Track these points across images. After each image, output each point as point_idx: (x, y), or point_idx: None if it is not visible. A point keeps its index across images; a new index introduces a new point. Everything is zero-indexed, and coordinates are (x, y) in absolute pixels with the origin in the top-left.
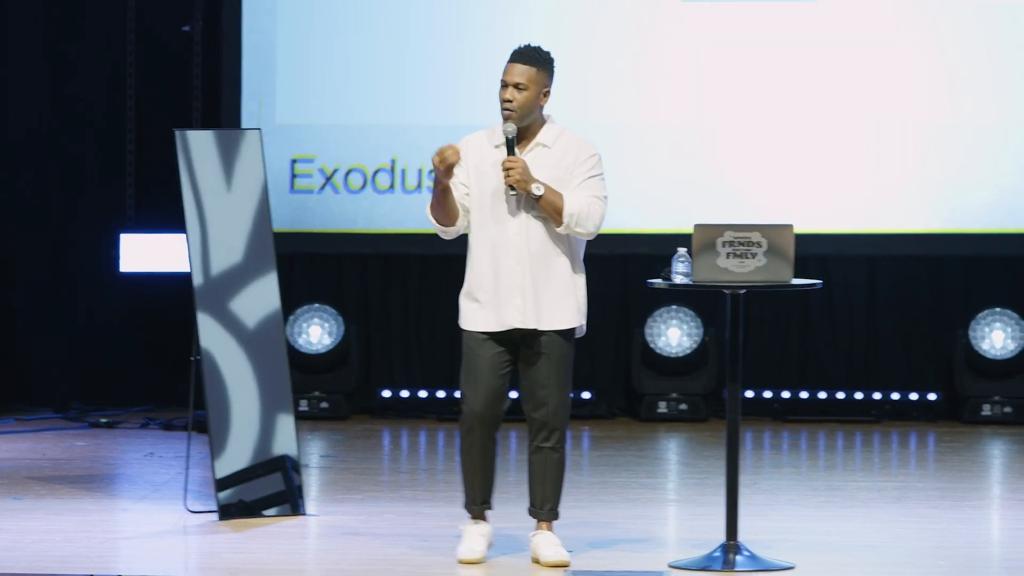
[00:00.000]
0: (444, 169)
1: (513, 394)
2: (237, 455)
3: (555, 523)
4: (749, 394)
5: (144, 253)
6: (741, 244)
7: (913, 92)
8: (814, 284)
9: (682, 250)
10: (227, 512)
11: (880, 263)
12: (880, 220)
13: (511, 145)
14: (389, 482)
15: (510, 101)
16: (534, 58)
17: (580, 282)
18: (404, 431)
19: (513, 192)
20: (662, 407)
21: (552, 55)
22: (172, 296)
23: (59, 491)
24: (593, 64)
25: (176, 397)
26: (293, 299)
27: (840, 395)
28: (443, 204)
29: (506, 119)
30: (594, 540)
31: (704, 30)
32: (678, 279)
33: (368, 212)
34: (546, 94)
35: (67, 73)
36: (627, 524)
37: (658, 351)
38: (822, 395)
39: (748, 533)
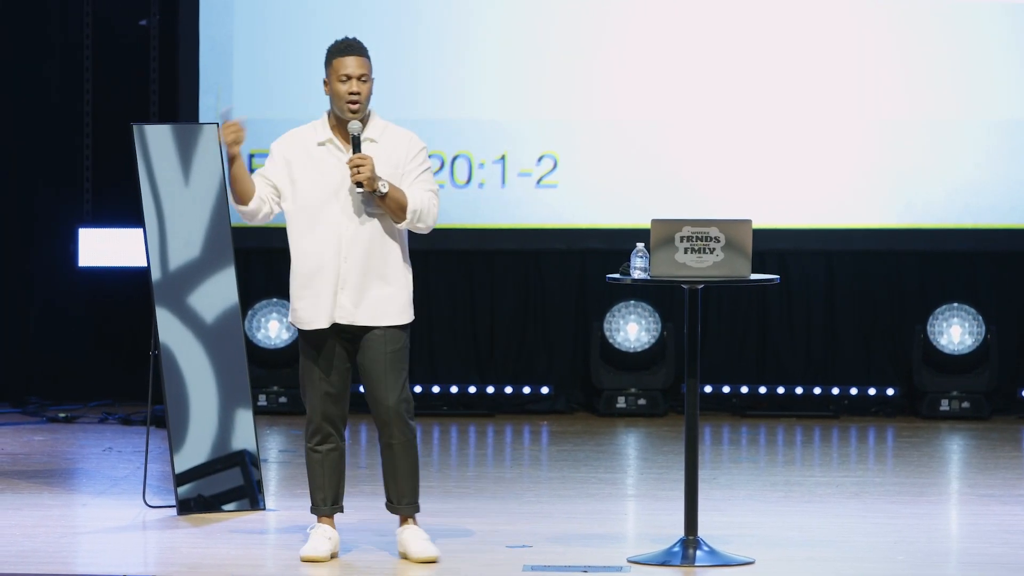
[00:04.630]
0: (230, 144)
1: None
2: (196, 450)
3: (516, 516)
4: (708, 389)
5: (102, 248)
6: (699, 239)
7: (870, 88)
8: (772, 279)
9: (640, 245)
10: (186, 507)
11: (838, 258)
12: (838, 216)
13: (357, 142)
14: (348, 476)
15: (358, 93)
16: (364, 49)
17: (409, 276)
18: (363, 426)
19: (360, 190)
20: (621, 402)
21: None
22: (130, 291)
23: (17, 486)
24: (549, 60)
25: (135, 392)
26: (251, 294)
27: (799, 390)
28: (233, 180)
29: (354, 112)
30: (553, 535)
31: (661, 24)
32: (636, 274)
33: None
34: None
35: (24, 67)
36: (586, 519)
37: (616, 346)
38: (780, 390)
39: (707, 528)
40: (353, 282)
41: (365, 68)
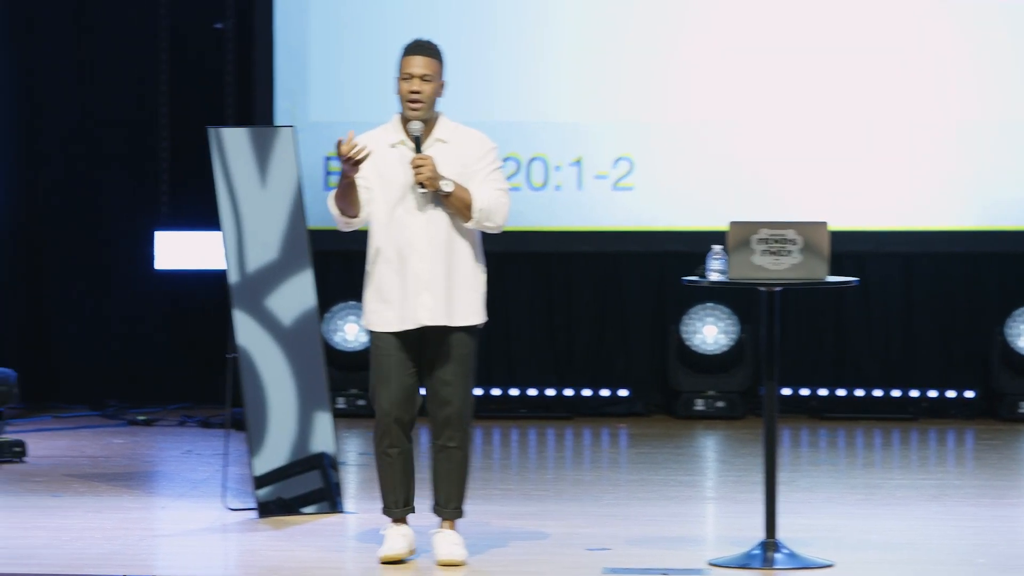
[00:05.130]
0: (353, 165)
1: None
2: (275, 453)
3: (595, 519)
4: (786, 392)
5: (179, 250)
6: (776, 241)
7: (946, 90)
8: (850, 281)
9: (717, 247)
10: (266, 510)
11: (916, 260)
12: (915, 217)
13: (418, 142)
14: (426, 479)
15: (418, 92)
16: (433, 50)
17: (483, 277)
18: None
19: (423, 190)
20: (699, 405)
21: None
22: (208, 293)
23: (98, 489)
24: (625, 62)
25: (213, 394)
26: (328, 296)
27: (877, 393)
28: (349, 196)
29: (414, 110)
30: (633, 537)
31: (732, 23)
32: (713, 276)
33: None
34: (442, 86)
35: (100, 71)
36: (665, 522)
37: (694, 348)
38: (859, 393)
39: (786, 531)
40: (430, 283)
41: (430, 69)
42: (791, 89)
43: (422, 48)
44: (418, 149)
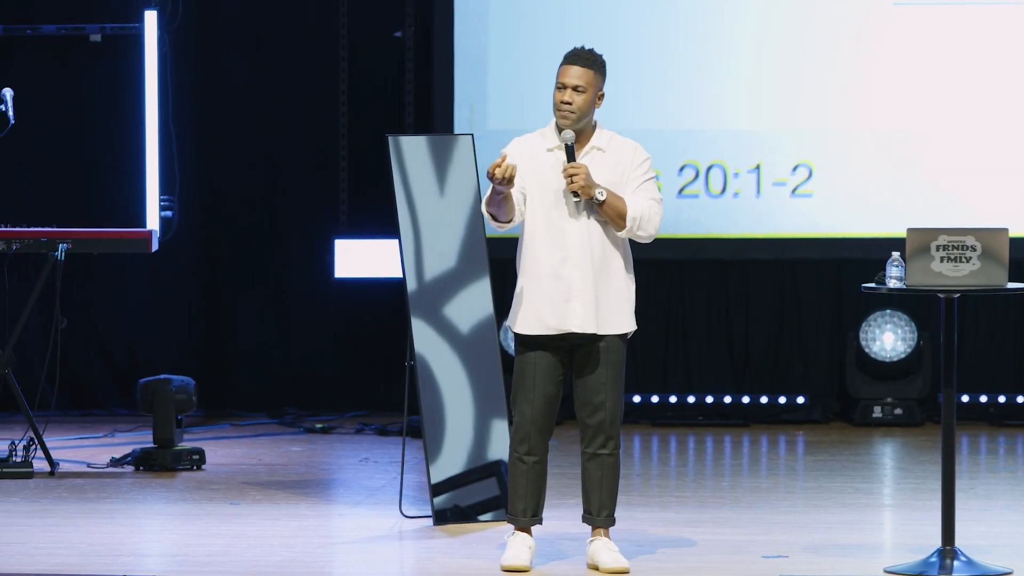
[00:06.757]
0: (505, 181)
1: None
2: (452, 460)
3: (772, 526)
4: (965, 399)
5: (358, 258)
6: (955, 248)
7: None
8: None
9: (896, 254)
10: (442, 517)
11: None
12: None
13: (571, 151)
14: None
15: (569, 103)
16: (590, 60)
17: (633, 286)
18: None
19: (576, 198)
20: (877, 412)
21: (604, 58)
22: (386, 301)
23: (275, 496)
24: (804, 69)
25: (391, 402)
26: (506, 305)
27: None
28: (504, 206)
29: (564, 119)
30: (809, 545)
31: (915, 33)
32: (892, 283)
33: None
34: (600, 97)
35: (279, 80)
36: (842, 529)
37: (872, 355)
38: None
39: (964, 538)
40: (583, 291)
41: (583, 79)
42: (970, 96)
43: (579, 58)
44: (572, 157)
